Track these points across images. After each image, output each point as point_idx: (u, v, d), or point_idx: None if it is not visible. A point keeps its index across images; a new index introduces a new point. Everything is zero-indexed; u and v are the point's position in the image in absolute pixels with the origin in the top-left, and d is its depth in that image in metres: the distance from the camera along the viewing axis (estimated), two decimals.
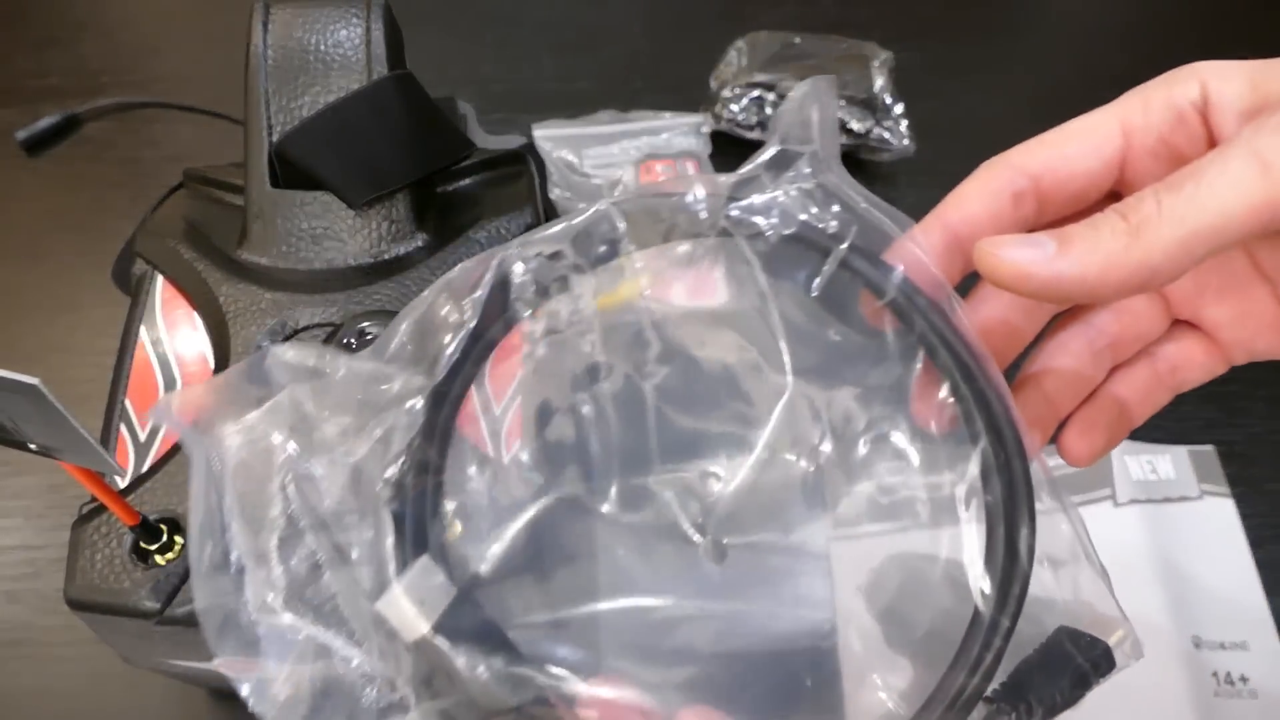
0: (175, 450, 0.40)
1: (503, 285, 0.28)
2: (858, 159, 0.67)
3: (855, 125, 0.66)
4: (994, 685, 0.26)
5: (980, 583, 0.27)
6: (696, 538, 0.29)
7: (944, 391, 0.28)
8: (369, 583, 0.25)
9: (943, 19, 0.78)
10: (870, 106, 0.66)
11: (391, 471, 0.26)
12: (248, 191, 0.46)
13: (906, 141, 0.66)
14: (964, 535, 0.27)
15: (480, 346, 0.28)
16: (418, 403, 0.26)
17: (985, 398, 0.28)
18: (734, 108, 0.67)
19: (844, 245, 0.28)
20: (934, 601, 0.28)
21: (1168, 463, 0.53)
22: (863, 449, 0.29)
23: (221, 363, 0.42)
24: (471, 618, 0.25)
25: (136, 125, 0.72)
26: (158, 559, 0.37)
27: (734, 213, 0.28)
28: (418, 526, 0.26)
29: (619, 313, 0.29)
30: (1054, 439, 0.32)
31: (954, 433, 0.28)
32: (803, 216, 0.28)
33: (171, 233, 0.47)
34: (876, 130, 0.66)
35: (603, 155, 0.66)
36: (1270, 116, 0.24)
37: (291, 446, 0.25)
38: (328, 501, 0.25)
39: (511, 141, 0.66)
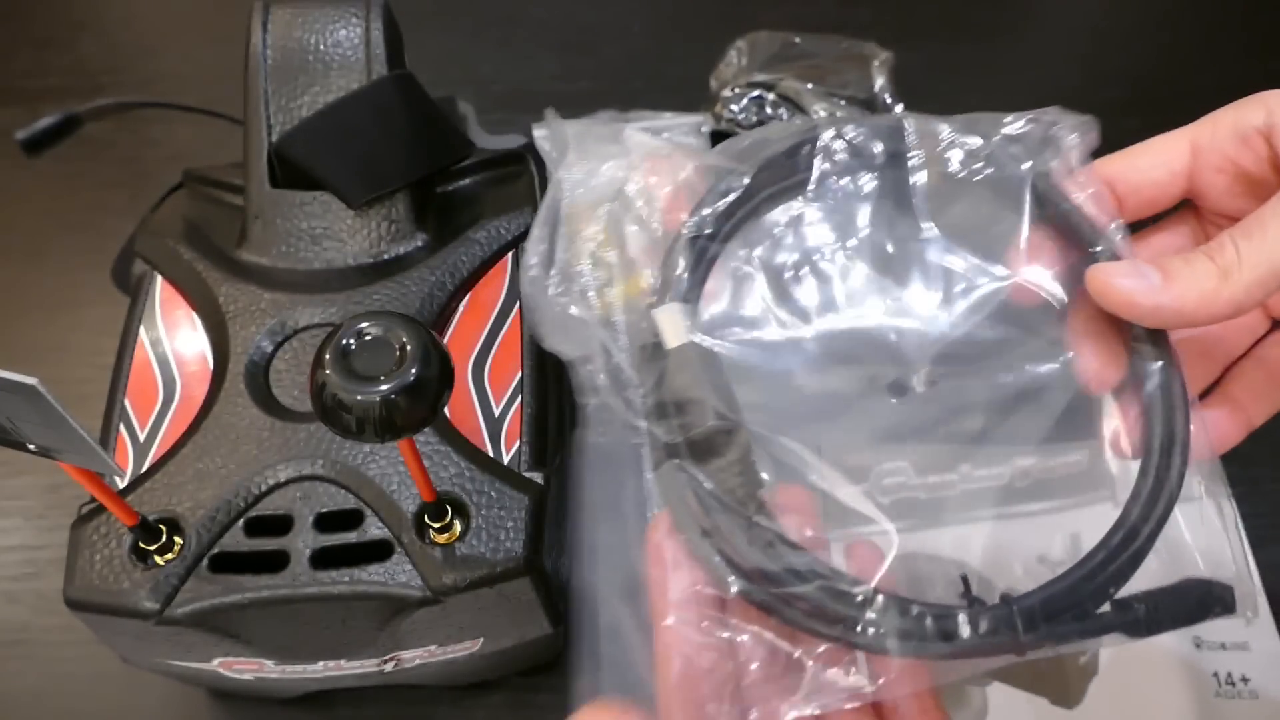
0: (175, 450, 0.40)
1: (809, 144, 0.34)
2: None
3: None
4: (1127, 591, 0.29)
5: (1135, 489, 0.30)
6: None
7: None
8: (653, 296, 0.32)
9: (943, 19, 0.78)
10: (870, 106, 0.66)
11: (699, 222, 0.32)
12: (247, 191, 0.46)
13: None
14: (1122, 445, 0.31)
15: (777, 185, 0.34)
16: (734, 191, 0.33)
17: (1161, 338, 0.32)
18: (734, 108, 0.67)
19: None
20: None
21: None
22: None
23: (221, 363, 0.42)
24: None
25: (136, 125, 0.72)
26: (157, 559, 0.37)
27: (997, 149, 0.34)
28: (696, 274, 0.32)
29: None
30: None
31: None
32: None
33: (171, 233, 0.47)
34: None
35: (604, 155, 0.66)
36: None
37: (630, 187, 0.33)
38: (642, 234, 0.33)
39: (511, 141, 0.66)
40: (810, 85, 0.67)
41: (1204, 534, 0.31)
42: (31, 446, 0.29)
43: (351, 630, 0.39)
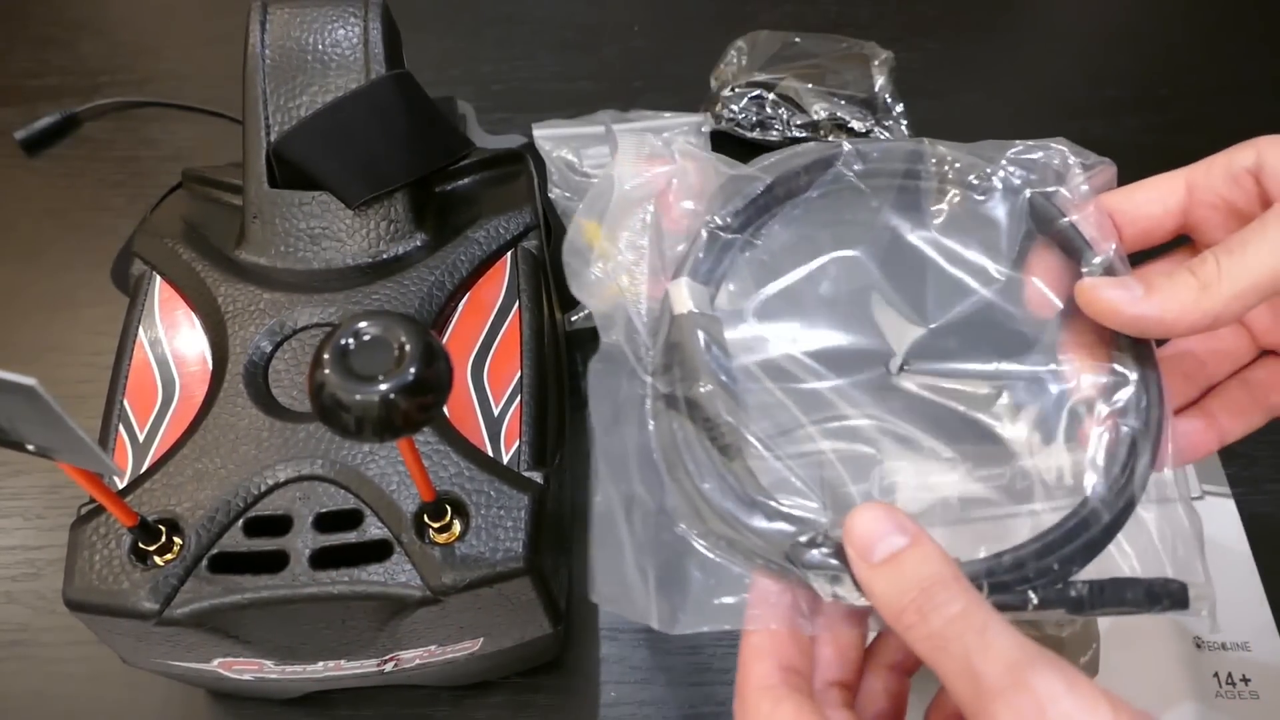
0: (174, 451, 0.40)
1: (830, 161, 0.38)
2: None
3: (855, 125, 0.66)
4: (1081, 578, 0.31)
5: (1095, 484, 0.32)
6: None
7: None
8: (671, 273, 0.36)
9: (943, 19, 0.78)
10: (870, 106, 0.66)
11: (719, 217, 0.37)
12: (246, 191, 0.46)
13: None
14: (1092, 446, 0.33)
15: (793, 192, 0.39)
16: (752, 194, 0.38)
17: (1146, 355, 0.34)
18: (734, 107, 0.67)
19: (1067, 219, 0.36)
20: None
21: None
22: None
23: (220, 363, 0.42)
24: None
25: (135, 125, 0.72)
26: (156, 560, 0.37)
27: (1003, 172, 0.37)
28: (716, 256, 0.37)
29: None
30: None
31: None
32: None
33: (170, 233, 0.47)
34: (876, 130, 0.66)
35: (603, 155, 0.66)
36: None
37: (674, 185, 0.38)
38: (673, 229, 0.37)
39: (511, 141, 0.66)
40: (810, 85, 0.67)
41: (1172, 538, 0.33)
42: (30, 447, 0.29)
43: (351, 630, 0.39)
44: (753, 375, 0.36)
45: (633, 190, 0.38)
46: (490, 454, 0.40)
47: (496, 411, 0.41)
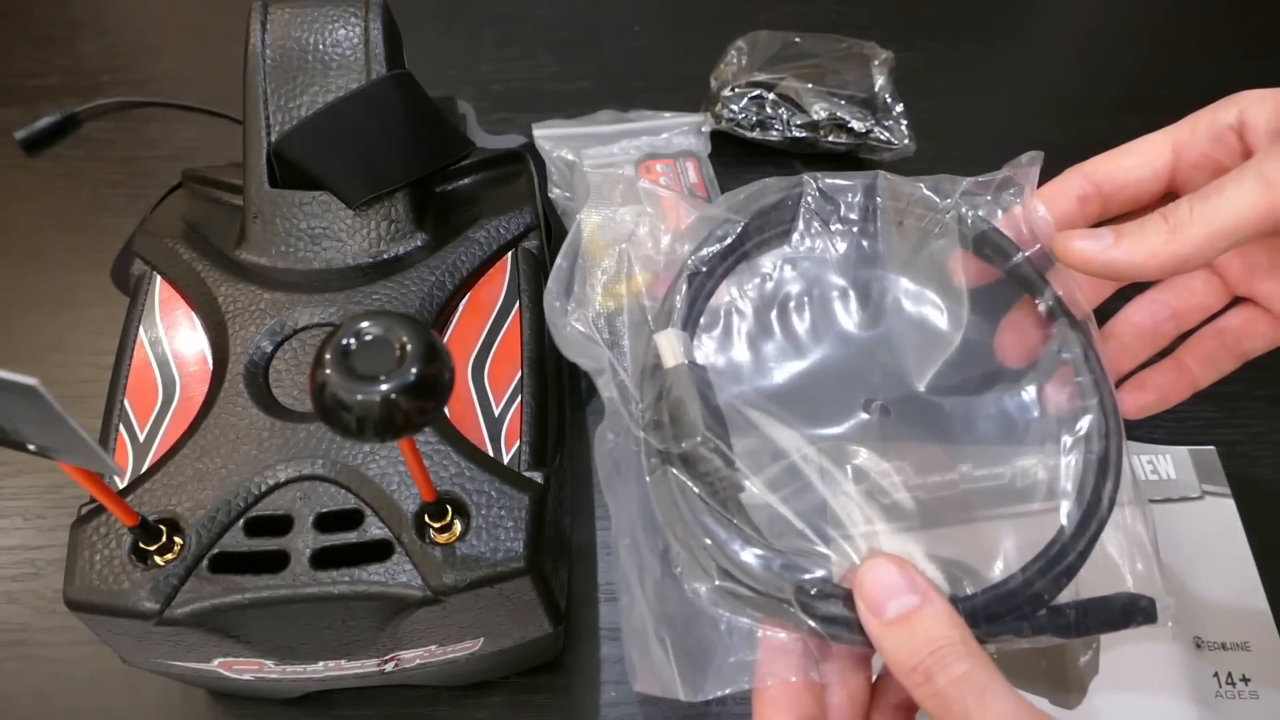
0: (174, 450, 0.40)
1: (795, 199, 0.39)
2: (858, 158, 0.67)
3: (855, 125, 0.66)
4: (1059, 600, 0.32)
5: (1069, 512, 0.33)
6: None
7: (1064, 355, 0.36)
8: (653, 324, 0.36)
9: (943, 19, 0.78)
10: (870, 106, 0.66)
11: (696, 263, 0.37)
12: (246, 191, 0.46)
13: (906, 141, 0.66)
14: (1062, 474, 0.34)
15: (766, 234, 0.39)
16: (729, 236, 0.38)
17: (1101, 381, 0.36)
18: (734, 107, 0.67)
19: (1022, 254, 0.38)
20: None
21: (1169, 463, 0.53)
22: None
23: (220, 363, 0.42)
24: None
25: (135, 125, 0.72)
26: (157, 560, 0.37)
27: (964, 210, 0.38)
28: (693, 306, 0.37)
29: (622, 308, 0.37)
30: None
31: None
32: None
33: (170, 233, 0.47)
34: (876, 130, 0.66)
35: (603, 155, 0.66)
36: (1278, 143, 0.31)
37: (641, 229, 0.38)
38: (645, 272, 0.37)
39: (511, 141, 0.66)
40: (810, 85, 0.67)
41: (1130, 551, 0.34)
42: (31, 447, 0.29)
43: (351, 630, 0.39)
44: (739, 412, 0.36)
45: (604, 232, 0.37)
46: (491, 454, 0.40)
47: (497, 412, 0.42)
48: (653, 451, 0.34)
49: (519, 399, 0.42)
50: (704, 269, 0.37)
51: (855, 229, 0.39)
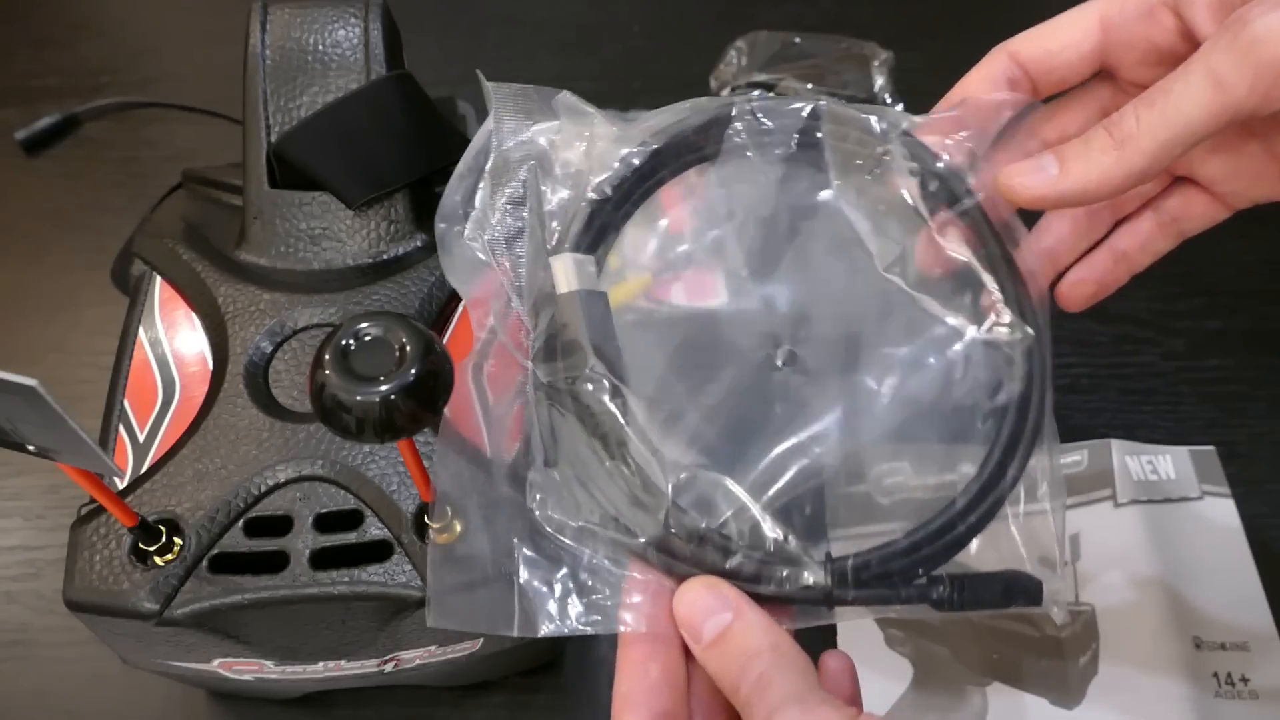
0: (174, 451, 0.40)
1: (722, 123, 0.36)
2: None
3: None
4: (941, 570, 0.31)
5: (967, 483, 0.32)
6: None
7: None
8: (557, 247, 0.33)
9: (943, 19, 0.78)
10: None
11: (601, 186, 0.34)
12: (246, 192, 0.46)
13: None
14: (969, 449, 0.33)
15: (683, 158, 0.36)
16: (634, 161, 0.35)
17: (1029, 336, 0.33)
18: None
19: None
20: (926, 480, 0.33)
21: (1168, 463, 0.53)
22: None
23: (220, 364, 0.42)
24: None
25: (135, 125, 0.72)
26: (157, 560, 0.37)
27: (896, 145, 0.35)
28: (598, 231, 0.34)
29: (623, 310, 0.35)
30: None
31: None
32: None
33: (170, 233, 0.47)
34: None
35: None
36: (1224, 33, 0.29)
37: (549, 151, 0.35)
38: (554, 195, 0.34)
39: None
40: (810, 85, 0.67)
41: (1032, 534, 0.32)
42: (31, 447, 0.29)
43: (351, 631, 0.39)
44: (638, 337, 0.34)
45: (512, 149, 0.34)
46: (490, 454, 0.40)
47: (497, 412, 0.41)
48: (539, 384, 0.32)
49: (520, 399, 0.42)
50: (608, 194, 0.34)
51: (790, 158, 0.36)
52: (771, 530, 0.31)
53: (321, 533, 0.38)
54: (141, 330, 0.44)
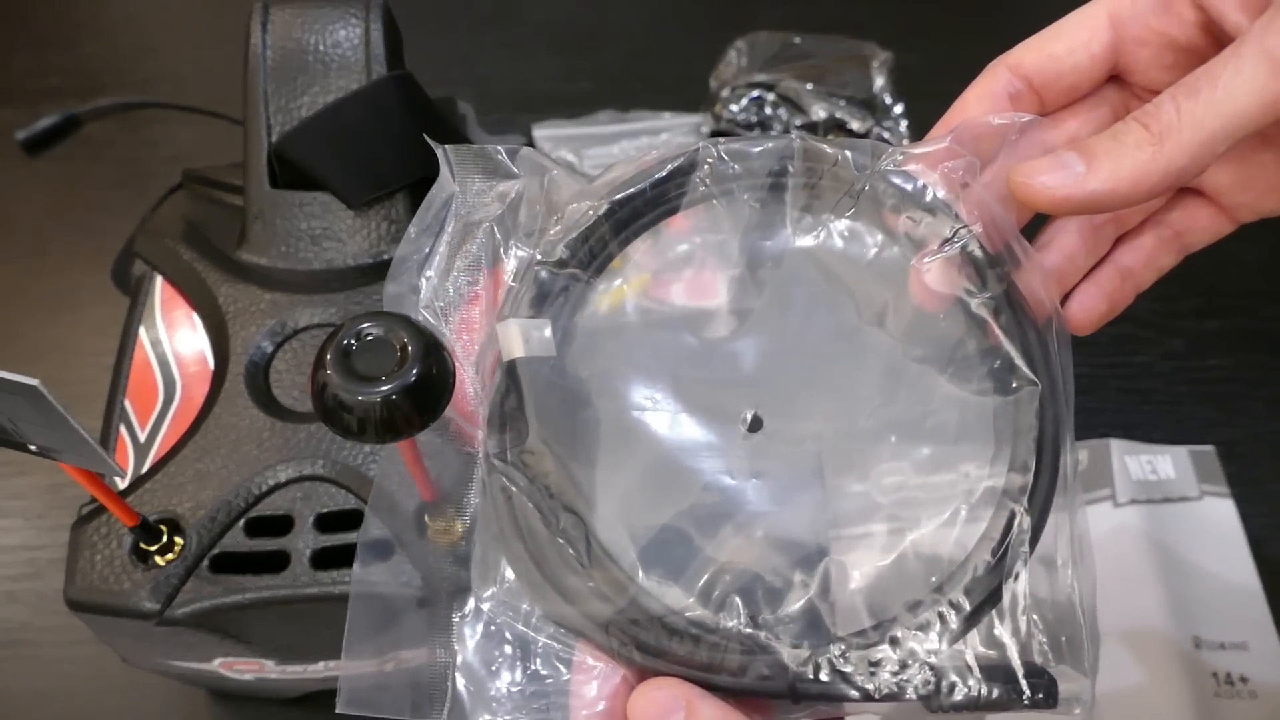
0: (175, 451, 0.40)
1: (689, 169, 0.33)
2: None
3: (855, 125, 0.66)
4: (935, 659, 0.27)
5: (978, 563, 0.28)
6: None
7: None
8: (506, 312, 0.31)
9: (943, 19, 0.78)
10: (870, 106, 0.66)
11: (555, 248, 0.32)
12: (247, 192, 0.46)
13: (906, 141, 0.66)
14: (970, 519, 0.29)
15: (654, 211, 0.34)
16: (590, 222, 0.32)
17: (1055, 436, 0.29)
18: (734, 108, 0.67)
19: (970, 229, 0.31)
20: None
21: (1168, 463, 0.53)
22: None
23: (221, 364, 0.42)
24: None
25: (136, 125, 0.72)
26: (157, 560, 0.37)
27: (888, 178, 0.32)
28: (554, 295, 0.32)
29: (614, 313, 0.33)
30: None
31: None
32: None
33: (171, 233, 0.47)
34: (876, 130, 0.66)
35: (603, 155, 0.66)
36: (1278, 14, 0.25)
37: (505, 213, 0.33)
38: (510, 257, 0.33)
39: (511, 141, 0.66)
40: (810, 85, 0.67)
41: (1049, 612, 0.28)
42: (32, 447, 0.29)
43: None
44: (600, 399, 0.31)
45: (471, 210, 0.33)
46: None
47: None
48: (489, 454, 0.30)
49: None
50: (564, 255, 0.32)
51: (758, 202, 0.33)
52: (736, 615, 0.28)
53: (322, 532, 0.38)
54: (142, 330, 0.44)
